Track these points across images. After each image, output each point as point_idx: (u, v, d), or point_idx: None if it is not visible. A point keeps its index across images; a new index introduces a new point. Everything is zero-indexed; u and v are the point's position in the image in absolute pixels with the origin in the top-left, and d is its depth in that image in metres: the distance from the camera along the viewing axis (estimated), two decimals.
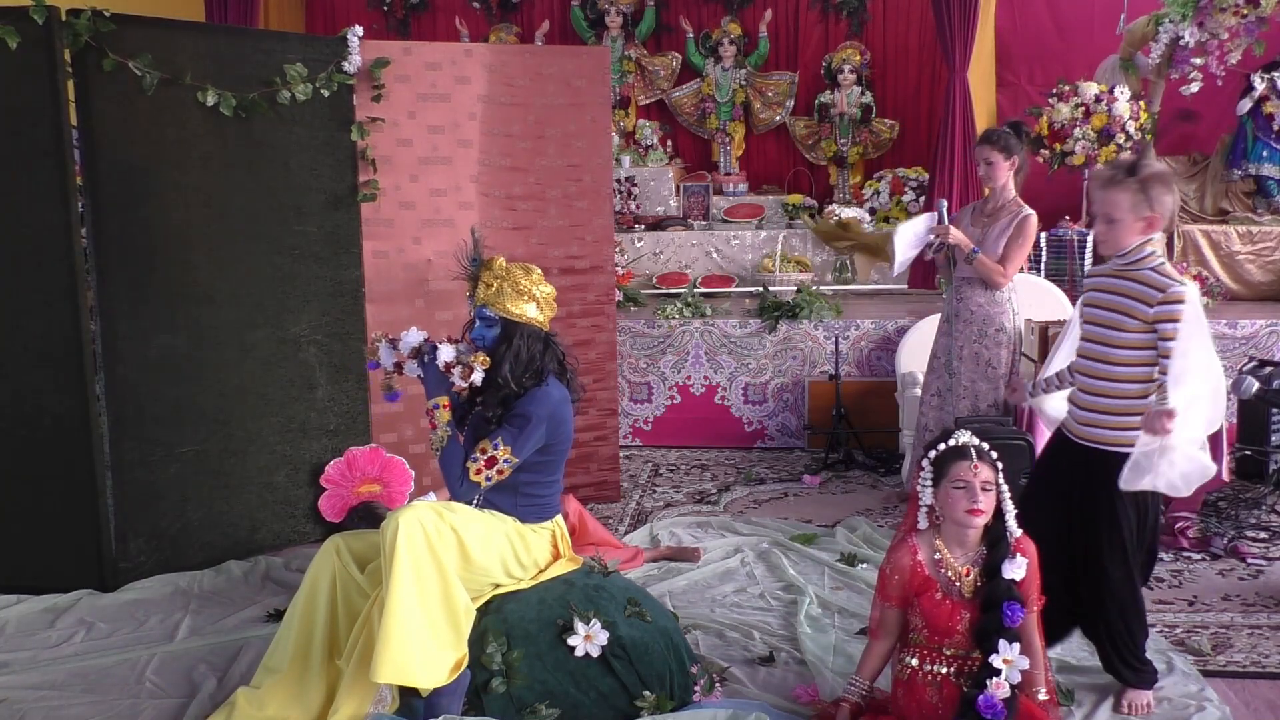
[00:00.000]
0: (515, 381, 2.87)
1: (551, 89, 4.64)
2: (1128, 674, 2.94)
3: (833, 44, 8.18)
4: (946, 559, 2.66)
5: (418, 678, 2.59)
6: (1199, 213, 6.97)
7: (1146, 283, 2.73)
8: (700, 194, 7.77)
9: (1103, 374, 2.80)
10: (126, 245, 3.86)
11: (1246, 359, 5.36)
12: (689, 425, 6.07)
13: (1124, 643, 2.91)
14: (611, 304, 4.91)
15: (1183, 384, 2.66)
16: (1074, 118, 6.40)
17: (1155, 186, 2.72)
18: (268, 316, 4.18)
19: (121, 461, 3.88)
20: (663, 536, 4.38)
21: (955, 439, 2.64)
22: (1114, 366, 2.78)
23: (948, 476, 2.61)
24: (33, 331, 3.78)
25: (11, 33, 3.63)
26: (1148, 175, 2.73)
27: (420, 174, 4.44)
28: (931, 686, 2.62)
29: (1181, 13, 6.23)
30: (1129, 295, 2.75)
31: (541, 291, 2.93)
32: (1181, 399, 2.65)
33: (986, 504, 2.59)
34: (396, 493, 4.31)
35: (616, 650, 2.80)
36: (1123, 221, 2.74)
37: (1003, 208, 4.42)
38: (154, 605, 3.73)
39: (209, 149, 4.00)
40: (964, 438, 2.64)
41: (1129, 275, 2.77)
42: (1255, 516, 4.48)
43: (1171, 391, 2.65)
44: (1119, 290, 2.78)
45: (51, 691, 3.09)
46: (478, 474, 2.79)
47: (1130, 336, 2.75)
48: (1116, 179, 2.73)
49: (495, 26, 8.48)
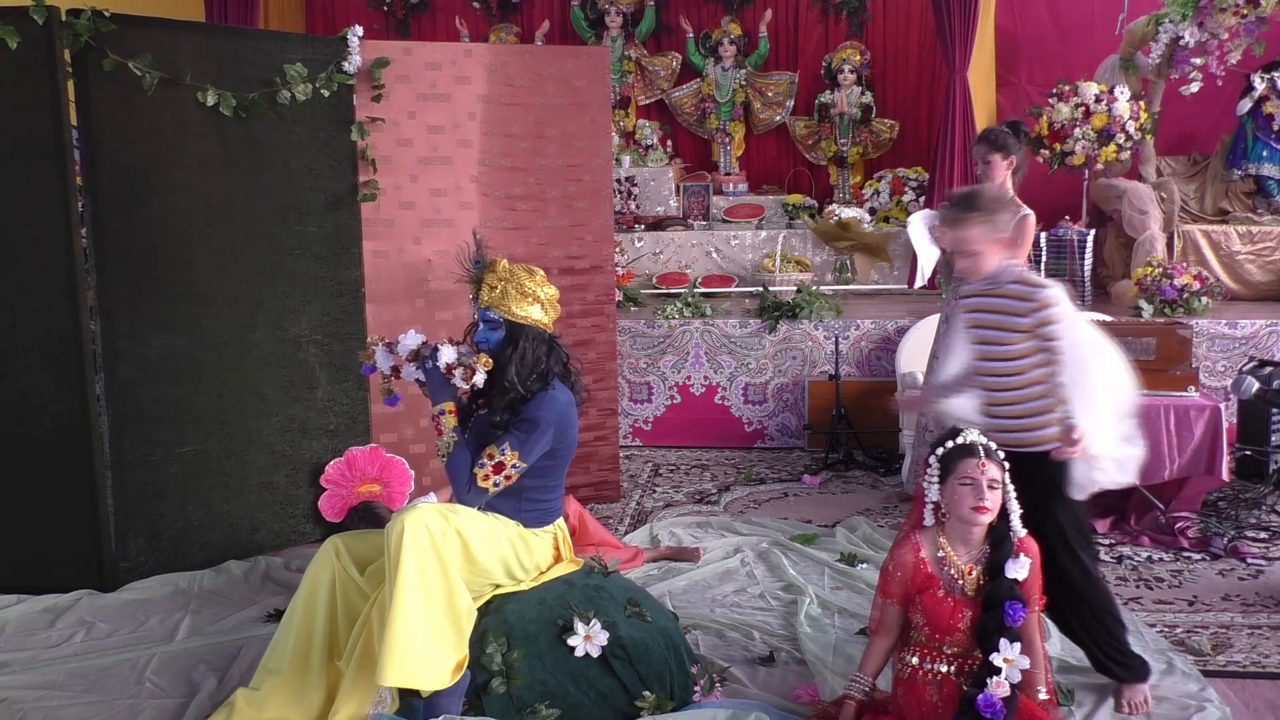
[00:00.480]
0: (522, 384, 2.84)
1: (551, 89, 4.64)
2: (1117, 670, 2.96)
3: (833, 44, 8.19)
4: (950, 557, 2.66)
5: (422, 680, 2.58)
6: (1199, 213, 6.97)
7: (1015, 295, 2.86)
8: (700, 194, 7.77)
9: (1003, 385, 2.90)
10: (126, 245, 3.86)
11: (1246, 359, 5.37)
12: (689, 425, 6.08)
13: (1102, 638, 2.94)
14: (611, 304, 4.91)
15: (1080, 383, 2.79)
16: (1074, 118, 6.40)
17: (997, 211, 2.87)
18: (268, 316, 4.19)
19: (121, 461, 3.88)
20: (663, 536, 4.38)
21: (963, 436, 2.64)
22: (1011, 376, 2.89)
23: (954, 473, 2.61)
24: (33, 331, 3.78)
25: (11, 33, 3.63)
26: (985, 204, 2.87)
27: (420, 174, 4.44)
28: (932, 685, 2.62)
29: (1181, 13, 6.24)
30: (1004, 311, 2.88)
31: (546, 293, 2.91)
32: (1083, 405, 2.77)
33: (992, 502, 2.59)
34: (396, 493, 4.31)
35: (616, 650, 2.80)
36: (981, 253, 2.88)
37: None
38: (154, 605, 3.73)
39: (209, 149, 4.00)
40: (972, 435, 2.64)
41: (998, 293, 2.90)
42: (1255, 516, 4.48)
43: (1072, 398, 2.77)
44: (994, 308, 2.90)
45: (51, 691, 3.08)
46: (485, 480, 2.77)
47: (1018, 348, 2.87)
48: (960, 218, 2.86)
49: (495, 26, 8.49)
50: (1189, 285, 5.90)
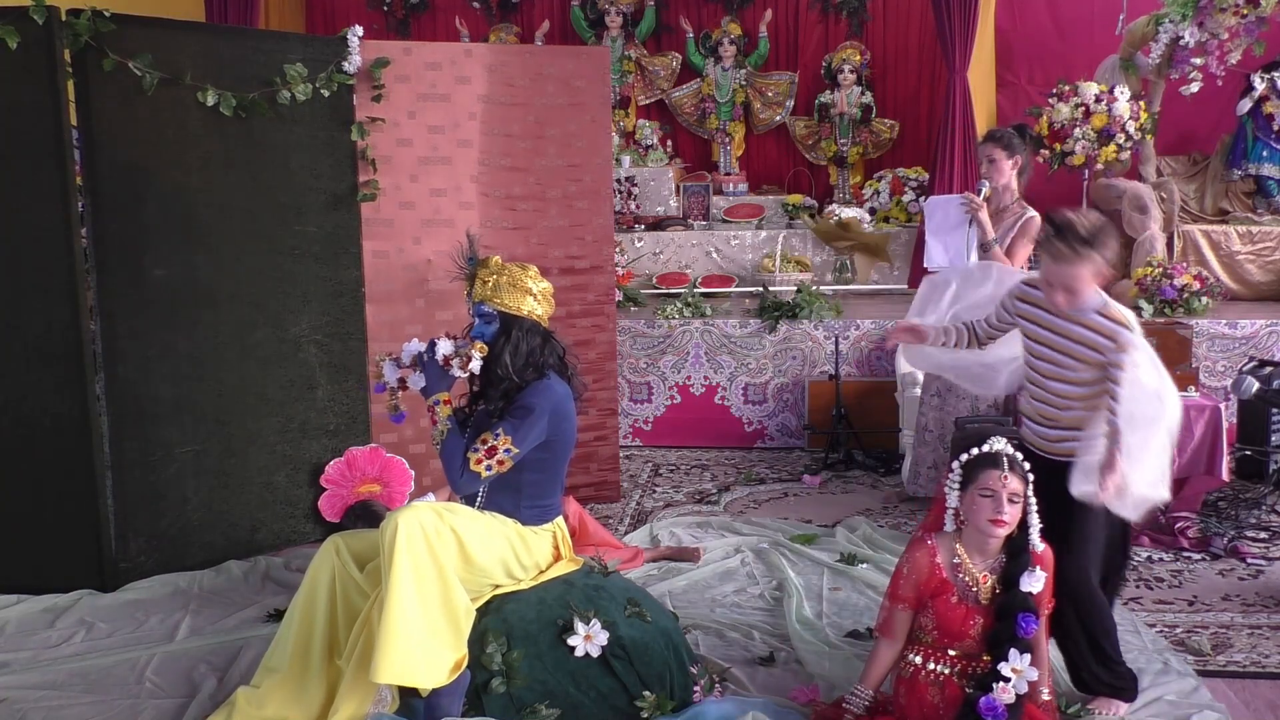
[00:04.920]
0: (516, 373, 2.86)
1: (551, 89, 4.64)
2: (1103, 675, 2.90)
3: (833, 44, 8.18)
4: (965, 564, 2.65)
5: (417, 678, 2.58)
6: (1199, 213, 6.97)
7: (1098, 330, 2.78)
8: (700, 194, 7.77)
9: (1060, 400, 2.86)
10: (126, 245, 3.86)
11: (1246, 359, 5.36)
12: (689, 425, 6.08)
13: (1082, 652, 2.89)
14: (611, 304, 4.91)
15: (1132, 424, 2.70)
16: (1074, 118, 6.40)
17: (1108, 246, 2.76)
18: (268, 316, 4.18)
19: (121, 461, 3.88)
20: (663, 536, 4.38)
21: (990, 445, 2.60)
22: (1071, 398, 2.85)
23: (976, 483, 2.58)
24: (33, 331, 3.78)
25: (11, 33, 3.63)
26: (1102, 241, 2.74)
27: (420, 174, 4.44)
28: (934, 686, 2.62)
29: (1181, 13, 6.23)
30: (1081, 342, 2.81)
31: (539, 286, 2.93)
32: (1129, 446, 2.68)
33: (1011, 516, 2.57)
34: (396, 493, 4.31)
35: (616, 650, 2.80)
36: (1084, 290, 2.78)
37: (1007, 209, 4.41)
38: (154, 605, 3.73)
39: (209, 149, 4.00)
40: (998, 445, 2.60)
41: (1079, 321, 2.82)
42: (1255, 516, 4.48)
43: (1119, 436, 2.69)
44: (1070, 335, 2.83)
45: (51, 691, 3.08)
46: (478, 464, 2.78)
47: (1086, 374, 2.81)
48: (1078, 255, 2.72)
49: (495, 26, 8.48)
50: (1189, 285, 5.90)
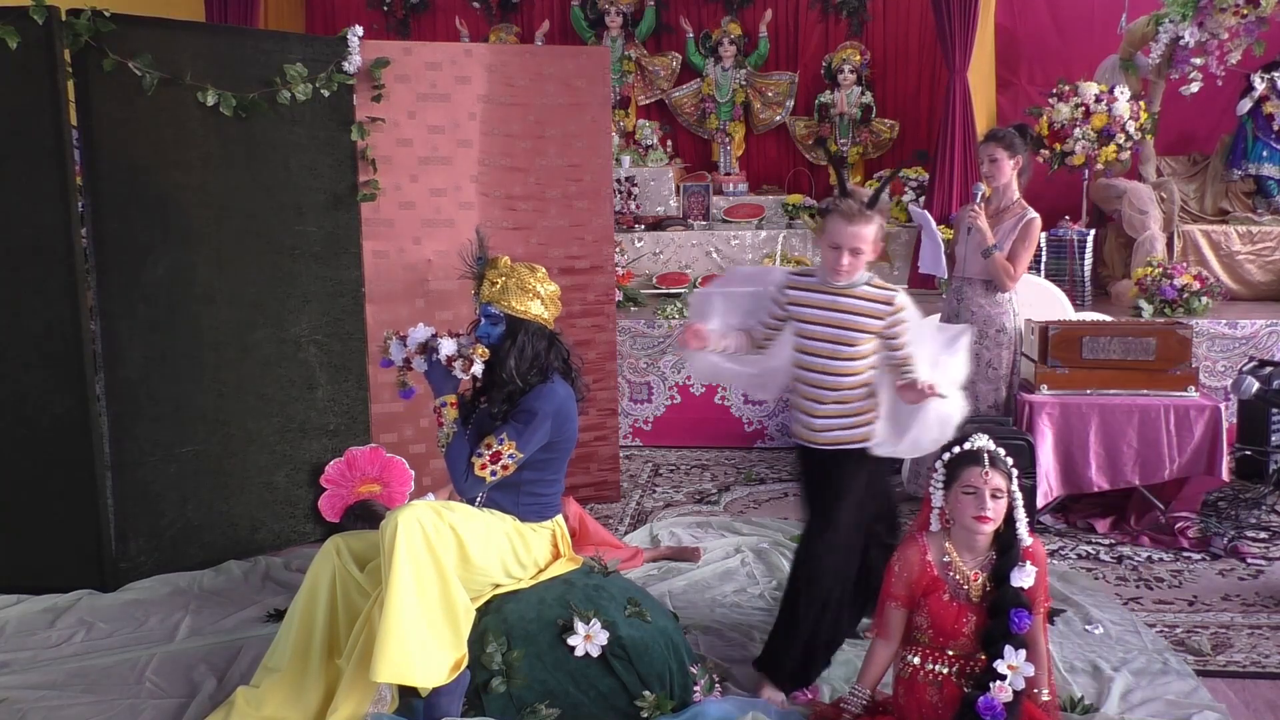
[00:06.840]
0: (520, 377, 2.87)
1: (551, 89, 4.64)
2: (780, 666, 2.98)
3: (833, 44, 8.19)
4: (956, 562, 2.65)
5: (417, 677, 2.58)
6: (1199, 213, 6.97)
7: (871, 298, 2.95)
8: (700, 194, 7.77)
9: (832, 385, 2.96)
10: (127, 245, 3.86)
11: (1246, 359, 5.37)
12: (689, 425, 6.07)
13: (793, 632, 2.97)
14: (611, 304, 4.91)
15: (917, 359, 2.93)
16: (1074, 118, 6.40)
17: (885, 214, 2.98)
18: (268, 316, 4.18)
19: (121, 461, 3.88)
20: (663, 536, 4.38)
21: (971, 443, 2.61)
22: (843, 377, 2.95)
23: (959, 480, 2.59)
24: (33, 331, 3.78)
25: (11, 33, 3.63)
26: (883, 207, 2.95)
27: (420, 174, 4.44)
28: (932, 686, 2.62)
29: (1181, 13, 6.24)
30: (858, 312, 2.94)
31: (546, 290, 2.94)
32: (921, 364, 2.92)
33: (995, 512, 2.57)
34: (396, 493, 4.31)
35: (616, 650, 2.80)
36: (868, 252, 2.93)
37: (1007, 209, 4.41)
38: (154, 605, 3.73)
39: (209, 149, 4.00)
40: (979, 442, 2.61)
41: (851, 294, 2.96)
42: (1255, 516, 4.48)
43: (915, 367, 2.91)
44: (846, 308, 2.95)
45: (51, 691, 3.08)
46: (482, 469, 2.80)
47: (860, 349, 2.94)
48: (864, 214, 2.91)
49: (495, 26, 8.49)
50: (1189, 285, 5.90)
